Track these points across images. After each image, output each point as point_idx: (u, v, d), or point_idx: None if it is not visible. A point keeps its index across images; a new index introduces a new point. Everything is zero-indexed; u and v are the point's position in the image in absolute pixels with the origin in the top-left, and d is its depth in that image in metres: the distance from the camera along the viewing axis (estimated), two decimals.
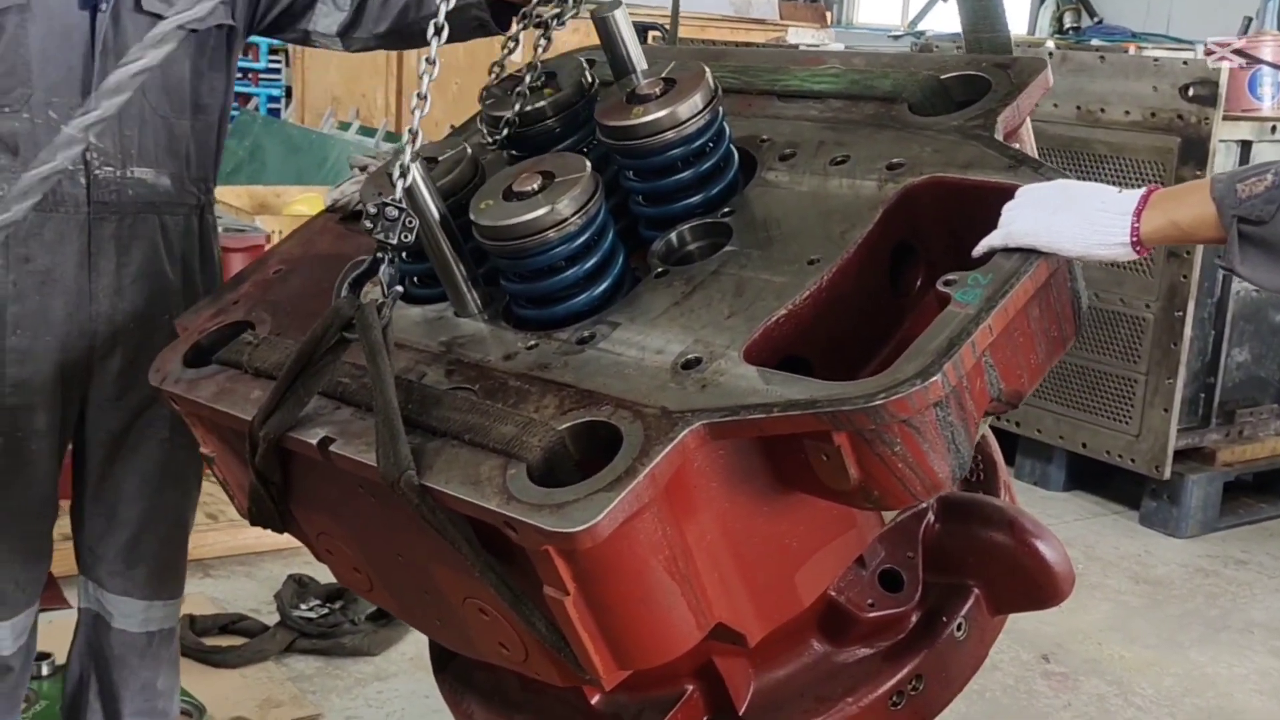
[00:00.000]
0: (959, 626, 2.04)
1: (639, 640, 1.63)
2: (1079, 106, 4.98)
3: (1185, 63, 4.81)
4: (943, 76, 2.03)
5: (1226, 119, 4.77)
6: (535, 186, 1.84)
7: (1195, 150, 4.76)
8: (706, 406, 1.57)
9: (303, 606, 3.93)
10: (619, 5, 2.03)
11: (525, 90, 2.08)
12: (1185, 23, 7.83)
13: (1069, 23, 6.14)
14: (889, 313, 1.87)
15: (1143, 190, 1.65)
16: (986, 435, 2.19)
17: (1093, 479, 5.49)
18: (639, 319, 1.79)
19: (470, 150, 2.04)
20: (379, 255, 1.74)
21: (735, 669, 1.96)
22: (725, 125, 1.98)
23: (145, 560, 2.60)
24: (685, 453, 1.54)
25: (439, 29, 1.76)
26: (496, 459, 1.62)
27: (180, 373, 2.09)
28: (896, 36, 6.83)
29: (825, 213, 1.85)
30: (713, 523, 1.63)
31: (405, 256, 1.80)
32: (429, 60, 1.73)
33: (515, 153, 2.13)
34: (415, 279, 2.03)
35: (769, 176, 1.98)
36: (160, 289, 2.43)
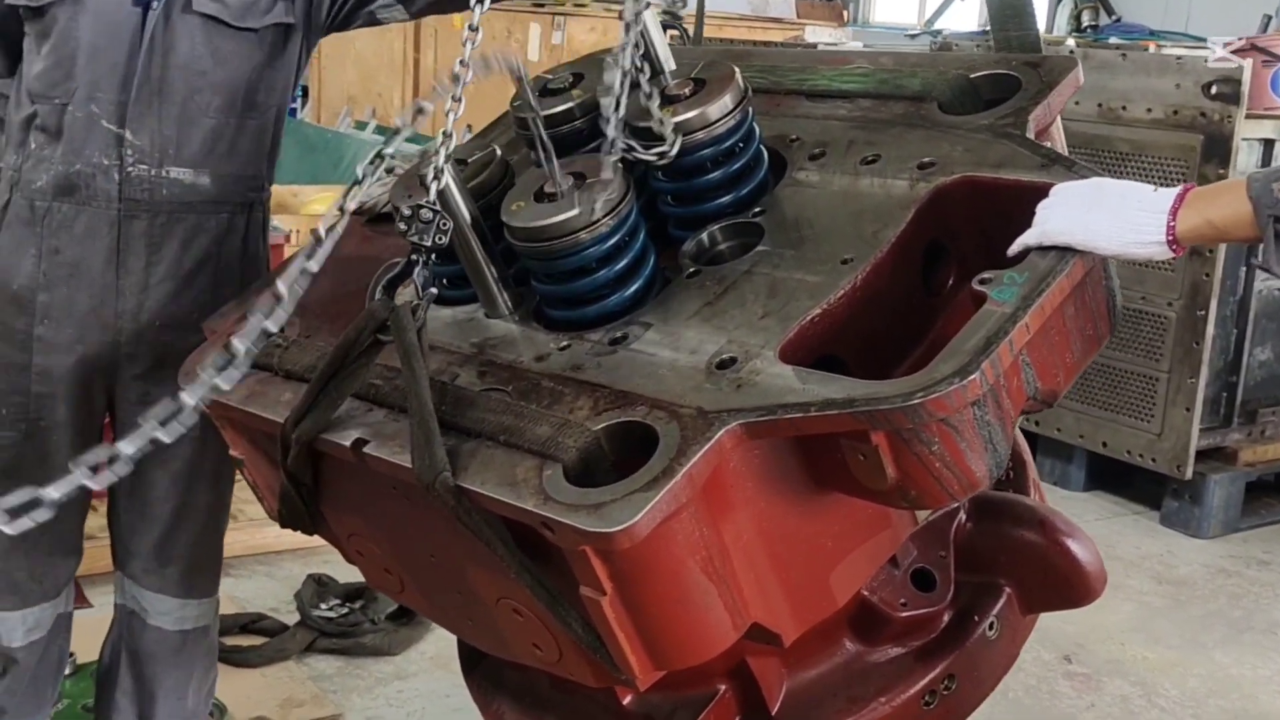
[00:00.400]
0: (991, 626, 2.04)
1: (676, 640, 1.63)
2: (1100, 104, 4.96)
3: (1208, 61, 4.79)
4: (972, 75, 2.03)
5: (1249, 117, 4.73)
6: (567, 188, 1.85)
7: (1218, 148, 4.73)
8: (743, 406, 1.57)
9: (323, 606, 3.92)
10: (648, 6, 2.03)
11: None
12: (1204, 21, 7.80)
13: (1087, 21, 6.12)
14: (921, 312, 1.87)
15: (1178, 189, 1.65)
16: (1015, 434, 2.19)
17: (1113, 479, 5.45)
18: (671, 319, 1.79)
19: (499, 151, 2.04)
20: (413, 258, 1.74)
21: (768, 669, 1.96)
22: (755, 125, 1.98)
23: (178, 558, 2.61)
24: (722, 453, 1.54)
25: (473, 30, 1.76)
26: (532, 460, 1.62)
27: (210, 375, 2.09)
28: (913, 35, 6.81)
29: (857, 212, 1.85)
30: (748, 522, 1.63)
31: (435, 258, 1.80)
32: (463, 63, 1.73)
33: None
34: (445, 280, 2.03)
35: (799, 176, 1.98)
36: (191, 290, 2.43)
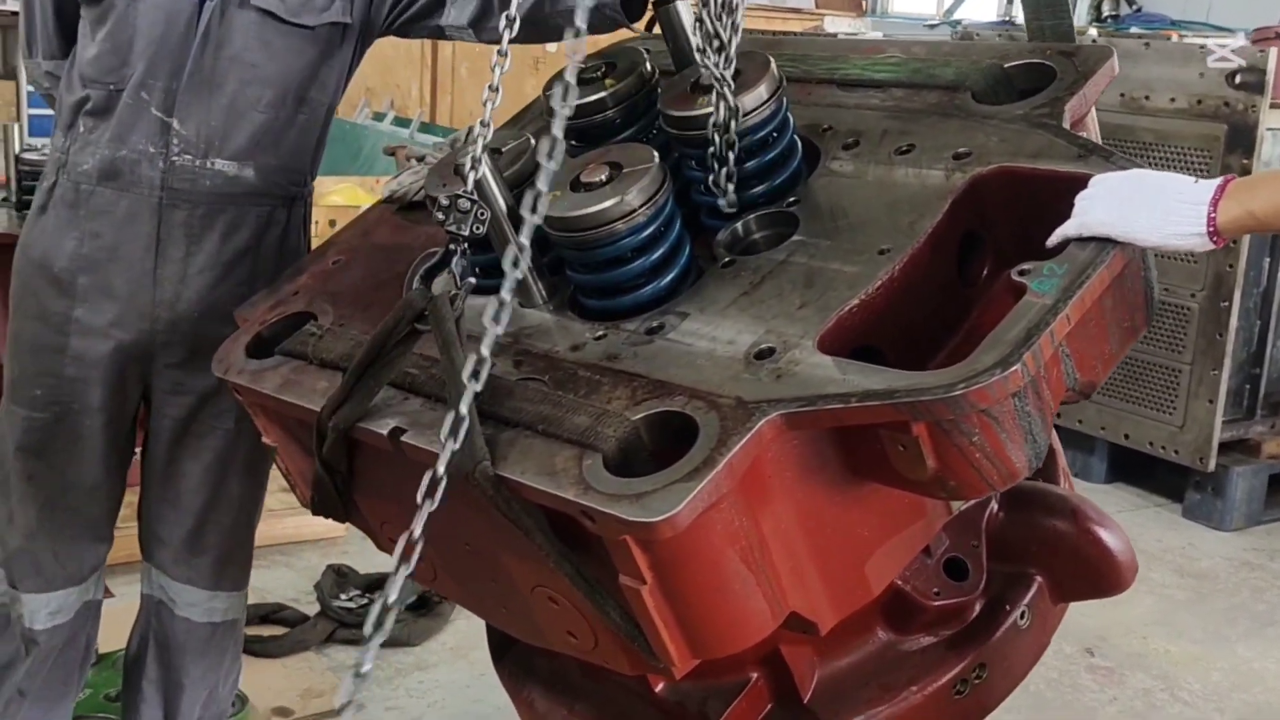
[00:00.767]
0: (1022, 615, 2.05)
1: (715, 629, 1.64)
2: (1123, 94, 4.93)
3: (1233, 50, 4.76)
4: (1006, 65, 2.03)
5: (1274, 107, 4.70)
6: (603, 178, 1.85)
7: (1242, 138, 4.70)
8: (783, 396, 1.57)
9: (342, 596, 3.92)
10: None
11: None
12: (1226, 9, 7.74)
13: (1108, 10, 6.08)
14: (957, 302, 1.87)
15: (1219, 180, 1.65)
16: None
17: (1135, 471, 5.42)
18: (708, 309, 1.79)
19: (533, 141, 2.04)
20: (451, 247, 1.74)
21: (800, 657, 1.97)
22: (790, 115, 1.98)
23: (209, 550, 2.61)
24: (762, 443, 1.55)
25: (510, 21, 1.76)
26: (571, 449, 1.62)
27: (244, 363, 2.10)
28: (932, 25, 6.79)
29: (893, 202, 1.85)
30: (787, 512, 1.64)
31: (470, 247, 1.81)
32: (501, 53, 1.73)
33: (575, 143, 2.13)
34: (478, 270, 2.03)
35: (833, 166, 1.98)
36: (229, 281, 2.42)
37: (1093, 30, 5.66)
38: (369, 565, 4.10)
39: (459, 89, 6.62)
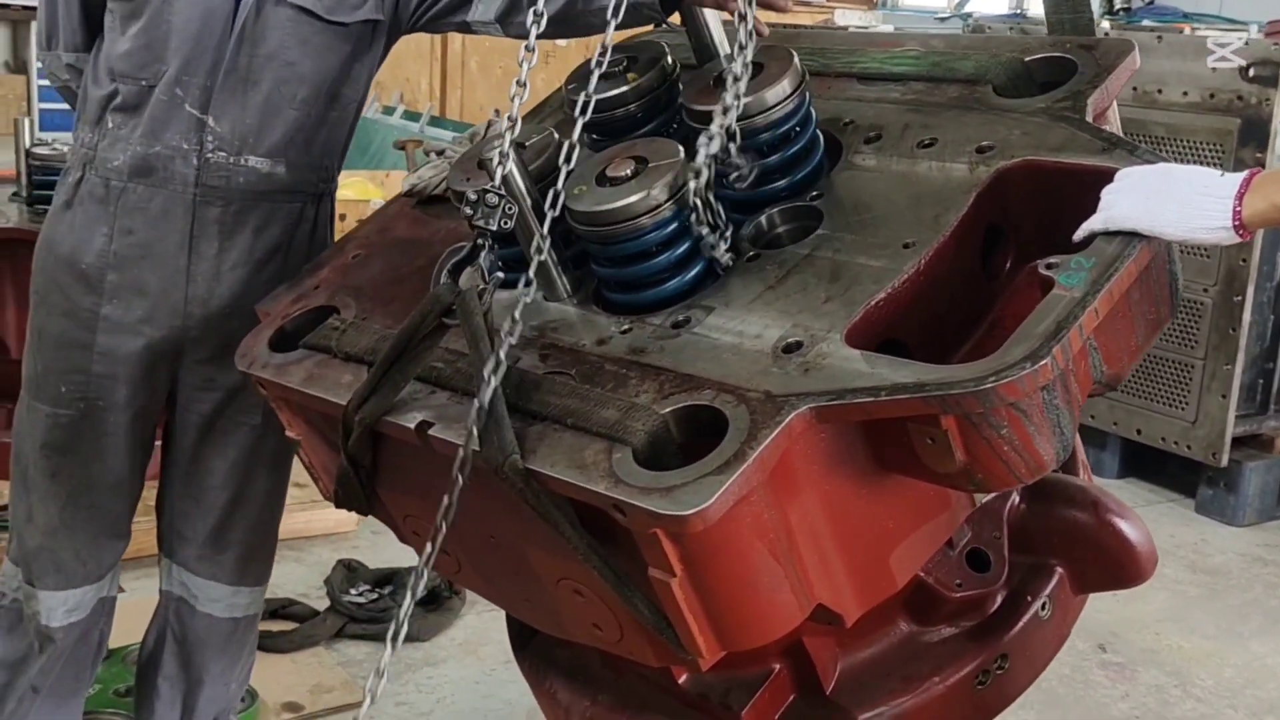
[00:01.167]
0: (1043, 606, 2.06)
1: (743, 621, 1.65)
2: (1135, 87, 4.90)
3: (1246, 43, 4.74)
4: (1026, 58, 2.04)
5: None
6: (629, 172, 1.86)
7: (1256, 132, 4.68)
8: (811, 390, 1.58)
9: (352, 591, 3.92)
10: None
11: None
12: (1238, 2, 7.74)
13: (1120, 3, 6.07)
14: (980, 295, 1.88)
15: (1244, 173, 1.65)
16: None
17: (1147, 466, 5.40)
18: (733, 303, 1.80)
19: (556, 135, 2.05)
20: (479, 242, 1.75)
21: (823, 648, 1.98)
22: (812, 110, 1.99)
23: (233, 545, 2.61)
24: (791, 436, 1.56)
25: (539, 16, 1.77)
26: (600, 443, 1.63)
27: (268, 357, 2.11)
28: (943, 18, 6.78)
29: (916, 196, 1.85)
30: (814, 505, 1.64)
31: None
32: (528, 49, 1.74)
33: (596, 137, 2.14)
34: (502, 264, 2.04)
35: (856, 160, 1.98)
36: (261, 277, 2.42)
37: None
38: (379, 560, 4.10)
39: (469, 82, 6.61)
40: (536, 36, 1.80)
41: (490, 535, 1.94)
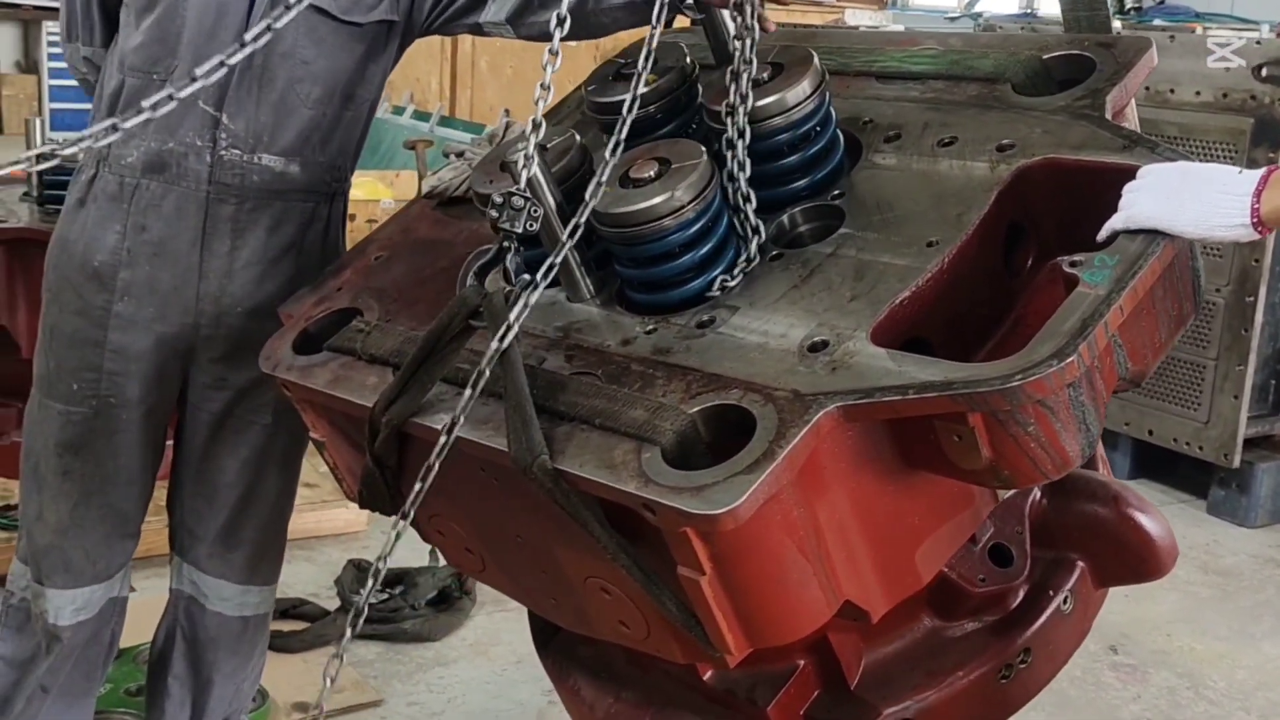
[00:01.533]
0: (1065, 600, 2.07)
1: (772, 618, 1.66)
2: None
3: (1258, 42, 4.72)
4: (1045, 56, 2.04)
5: None
6: (652, 173, 1.87)
7: (1269, 131, 4.66)
8: (839, 389, 1.59)
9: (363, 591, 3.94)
10: None
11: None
12: (1250, 2, 7.71)
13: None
14: (1002, 293, 1.89)
15: (1262, 170, 1.66)
16: None
17: (1159, 467, 5.38)
18: (758, 303, 1.81)
19: (578, 137, 2.06)
20: (505, 244, 1.76)
21: (847, 644, 1.99)
22: (832, 110, 2.00)
23: (243, 544, 2.62)
24: (819, 435, 1.57)
25: (561, 20, 1.78)
26: (629, 443, 1.64)
27: (292, 360, 2.12)
28: (953, 18, 6.76)
29: (938, 195, 1.86)
30: (842, 502, 1.66)
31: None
32: (552, 52, 1.75)
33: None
34: (525, 266, 2.05)
35: (876, 159, 1.99)
36: (273, 276, 2.43)
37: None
38: (390, 560, 4.10)
39: (479, 82, 6.62)
40: (546, 37, 1.81)
41: (516, 535, 1.95)
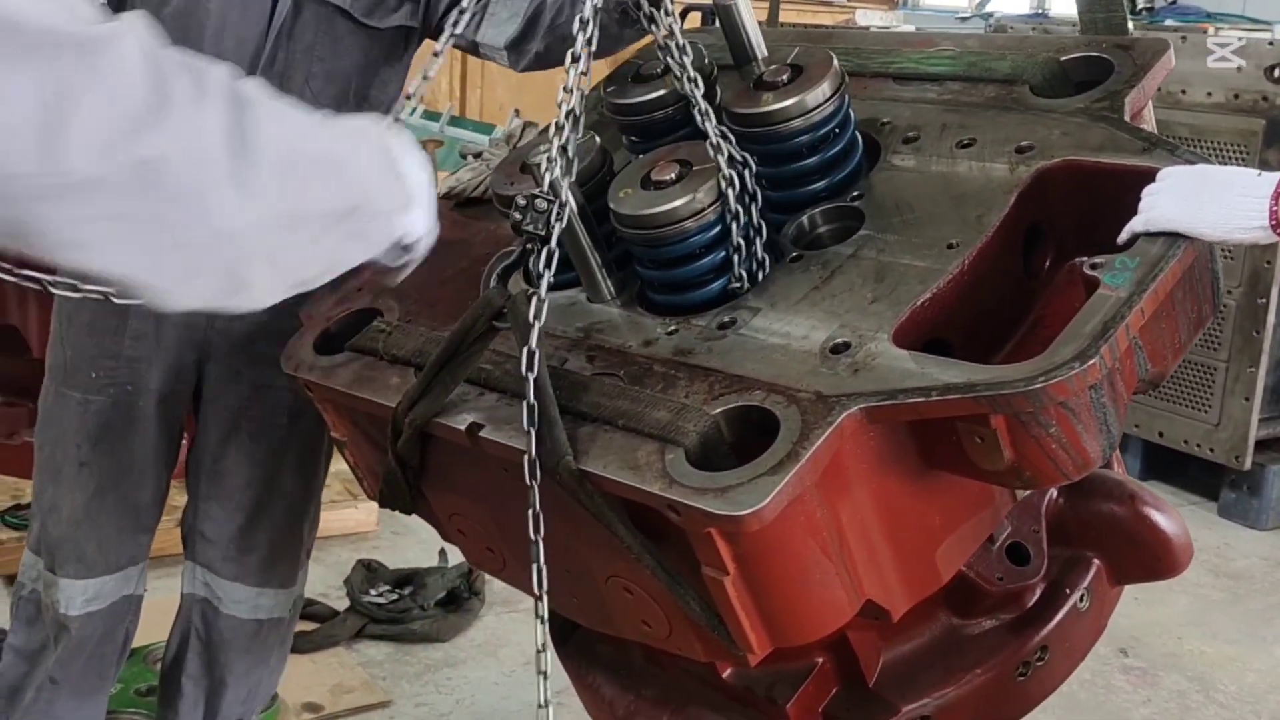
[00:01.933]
0: (1081, 598, 2.09)
1: (795, 618, 1.68)
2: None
3: (1271, 43, 4.70)
4: (1063, 58, 2.05)
5: None
6: (673, 176, 1.88)
7: None
8: (862, 390, 1.60)
9: (372, 592, 3.93)
10: None
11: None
12: (1262, 2, 7.68)
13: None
14: (1021, 294, 1.90)
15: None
16: None
17: (1169, 469, 5.37)
18: (779, 304, 1.82)
19: (598, 139, 2.07)
20: (528, 246, 1.78)
21: (866, 642, 2.01)
22: (851, 111, 2.01)
23: (258, 547, 2.62)
24: (843, 436, 1.58)
25: (584, 23, 1.79)
26: (652, 444, 1.65)
27: (314, 360, 2.13)
28: (964, 18, 6.75)
29: (958, 196, 1.87)
30: (864, 503, 1.67)
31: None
32: (574, 57, 1.76)
33: (636, 139, 2.16)
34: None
35: (895, 160, 2.00)
36: None
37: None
38: (399, 560, 4.12)
39: (489, 82, 6.62)
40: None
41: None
